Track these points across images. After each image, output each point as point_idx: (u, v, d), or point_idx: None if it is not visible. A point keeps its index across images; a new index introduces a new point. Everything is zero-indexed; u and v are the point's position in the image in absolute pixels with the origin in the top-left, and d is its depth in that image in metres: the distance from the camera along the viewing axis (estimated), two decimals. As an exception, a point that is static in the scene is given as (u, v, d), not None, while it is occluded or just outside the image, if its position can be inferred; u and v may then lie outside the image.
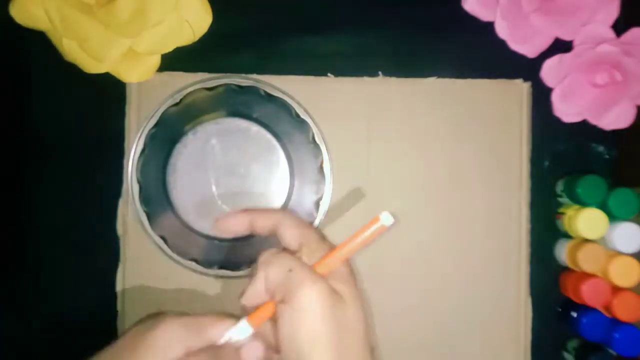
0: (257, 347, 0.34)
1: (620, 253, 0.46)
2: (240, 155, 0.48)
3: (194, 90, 0.48)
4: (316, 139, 0.48)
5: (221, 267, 0.48)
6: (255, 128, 0.48)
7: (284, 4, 0.50)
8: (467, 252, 0.49)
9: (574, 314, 0.48)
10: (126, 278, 0.48)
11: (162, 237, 0.47)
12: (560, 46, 0.49)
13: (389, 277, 0.49)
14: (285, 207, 0.49)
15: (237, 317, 0.35)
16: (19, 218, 0.49)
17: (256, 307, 0.35)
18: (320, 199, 0.48)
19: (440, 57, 0.50)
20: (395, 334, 0.49)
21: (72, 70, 0.47)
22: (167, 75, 0.49)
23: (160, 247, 0.47)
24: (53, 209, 0.49)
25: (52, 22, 0.45)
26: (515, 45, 0.49)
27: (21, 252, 0.49)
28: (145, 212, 0.47)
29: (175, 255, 0.47)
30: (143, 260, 0.48)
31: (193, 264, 0.47)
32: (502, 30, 0.49)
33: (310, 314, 0.32)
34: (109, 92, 0.48)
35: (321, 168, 0.48)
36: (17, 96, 0.49)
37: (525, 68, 0.49)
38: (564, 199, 0.49)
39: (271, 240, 0.49)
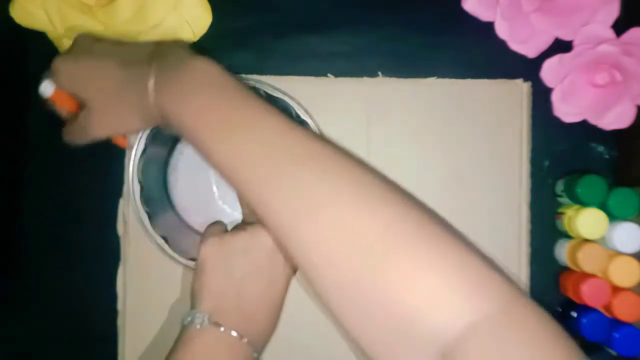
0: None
1: (620, 253, 0.46)
2: (240, 156, 0.48)
3: (194, 91, 0.47)
4: (316, 139, 0.48)
5: (221, 267, 0.48)
6: (255, 128, 0.48)
7: (284, 4, 0.50)
8: (467, 252, 0.49)
9: (574, 314, 0.48)
10: (126, 278, 0.48)
11: (163, 237, 0.47)
12: (560, 46, 0.49)
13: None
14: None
15: None
16: (19, 218, 0.49)
17: None
18: (320, 199, 0.48)
19: (440, 57, 0.50)
20: (395, 333, 0.49)
21: (73, 71, 0.47)
22: (168, 75, 0.48)
23: (161, 247, 0.47)
24: (53, 209, 0.49)
25: (52, 22, 0.45)
26: (515, 45, 0.49)
27: (21, 253, 0.49)
28: (146, 212, 0.47)
29: (176, 255, 0.47)
30: (143, 260, 0.48)
31: (194, 264, 0.47)
32: (502, 30, 0.49)
33: None
34: (109, 92, 0.48)
35: (321, 168, 0.48)
36: (17, 96, 0.49)
37: (525, 68, 0.49)
38: (564, 199, 0.49)
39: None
